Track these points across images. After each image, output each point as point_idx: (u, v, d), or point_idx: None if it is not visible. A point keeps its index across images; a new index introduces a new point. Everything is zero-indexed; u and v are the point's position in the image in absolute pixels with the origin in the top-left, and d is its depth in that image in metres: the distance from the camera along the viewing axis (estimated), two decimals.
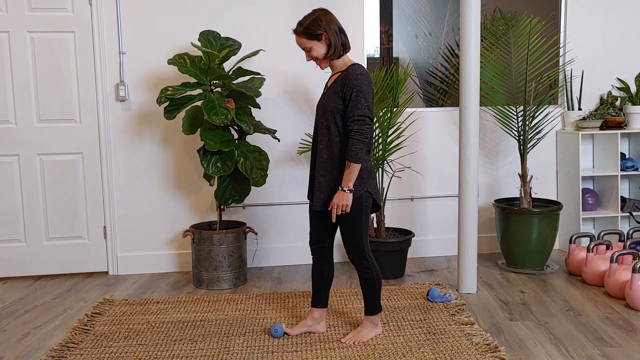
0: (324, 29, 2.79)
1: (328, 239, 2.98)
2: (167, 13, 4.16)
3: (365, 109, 2.71)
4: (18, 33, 4.05)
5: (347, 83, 2.74)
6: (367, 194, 2.83)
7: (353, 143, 2.71)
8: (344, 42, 2.84)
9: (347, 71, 2.79)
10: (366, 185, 2.82)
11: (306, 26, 2.80)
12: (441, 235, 4.57)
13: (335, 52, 2.82)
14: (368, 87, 2.74)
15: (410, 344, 2.91)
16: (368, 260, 2.89)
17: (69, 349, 2.96)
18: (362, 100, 2.71)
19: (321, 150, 2.84)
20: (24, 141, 4.13)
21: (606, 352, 2.82)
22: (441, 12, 4.42)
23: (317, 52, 2.82)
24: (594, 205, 4.51)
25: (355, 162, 2.72)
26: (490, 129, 4.56)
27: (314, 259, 3.02)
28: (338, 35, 2.82)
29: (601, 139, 4.54)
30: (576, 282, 3.87)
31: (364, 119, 2.71)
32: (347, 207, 2.76)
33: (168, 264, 4.34)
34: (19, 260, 4.21)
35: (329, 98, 2.81)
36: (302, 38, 2.82)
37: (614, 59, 4.58)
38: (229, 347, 2.94)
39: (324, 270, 3.01)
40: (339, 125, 2.79)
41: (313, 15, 2.82)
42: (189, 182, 4.31)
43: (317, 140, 2.89)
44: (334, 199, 2.77)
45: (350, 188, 2.75)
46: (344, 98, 2.75)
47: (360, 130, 2.71)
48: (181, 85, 3.73)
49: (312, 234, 2.99)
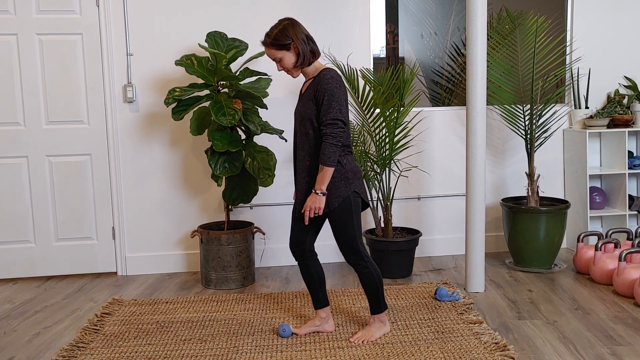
0: (291, 39, 2.81)
1: (309, 241, 2.98)
2: (174, 14, 4.18)
3: (337, 112, 2.73)
4: (26, 35, 4.07)
5: (319, 88, 2.76)
6: (354, 195, 2.85)
7: (326, 147, 2.73)
8: (313, 49, 2.86)
9: (319, 76, 2.81)
10: (352, 185, 2.83)
11: (274, 37, 2.82)
12: (448, 234, 4.57)
13: (305, 59, 2.84)
14: (339, 90, 2.76)
15: (418, 343, 2.92)
16: (365, 259, 2.90)
17: (79, 348, 2.98)
18: (334, 104, 2.73)
19: (303, 157, 2.86)
20: (32, 143, 4.16)
21: (615, 350, 2.82)
22: (447, 12, 4.42)
23: (287, 61, 2.84)
24: (601, 204, 4.50)
25: (328, 166, 2.73)
26: (497, 127, 4.55)
27: (298, 262, 3.02)
28: (306, 42, 2.84)
29: (608, 137, 4.53)
30: (584, 280, 3.87)
31: (336, 122, 2.73)
32: (319, 209, 2.77)
33: (176, 264, 4.36)
34: (28, 261, 4.24)
35: (304, 105, 2.83)
36: (270, 49, 2.85)
37: (621, 57, 4.57)
38: (238, 347, 2.95)
39: (312, 271, 3.01)
40: (316, 130, 2.81)
41: (280, 26, 2.84)
42: (196, 183, 4.33)
43: (297, 147, 2.92)
44: (307, 201, 2.79)
45: (323, 191, 2.76)
46: (317, 103, 2.78)
47: (332, 134, 2.73)
48: (189, 86, 3.75)
49: (292, 237, 3.00)
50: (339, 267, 4.34)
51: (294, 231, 2.99)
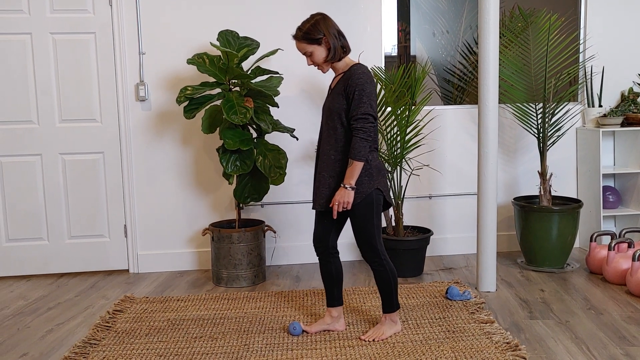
0: (323, 33, 2.80)
1: (332, 238, 2.98)
2: (186, 13, 4.20)
3: (368, 107, 2.73)
4: (40, 34, 4.11)
5: (350, 82, 2.76)
6: (377, 192, 2.84)
7: (356, 141, 2.73)
8: (344, 45, 2.85)
9: (349, 71, 2.81)
10: (376, 182, 2.83)
11: (305, 31, 2.82)
12: (460, 233, 4.55)
13: (336, 55, 2.84)
14: (370, 86, 2.76)
15: (429, 342, 2.91)
16: (381, 257, 2.90)
17: (91, 345, 3.00)
18: (364, 99, 2.73)
19: (328, 151, 2.85)
20: (46, 141, 4.20)
21: (628, 351, 2.79)
22: (459, 10, 4.40)
23: (318, 56, 2.84)
24: (615, 203, 4.46)
25: (358, 160, 2.74)
26: (509, 126, 4.53)
27: (319, 259, 3.02)
28: (337, 38, 2.83)
29: (622, 135, 4.49)
30: (597, 280, 3.83)
31: (366, 117, 2.73)
32: (348, 204, 2.77)
33: (188, 262, 4.38)
34: (41, 258, 4.28)
35: (333, 99, 2.83)
36: (302, 43, 2.84)
37: (635, 55, 4.53)
38: (249, 345, 2.96)
39: (332, 269, 3.01)
40: (345, 125, 2.81)
41: (312, 20, 2.84)
42: (208, 181, 4.34)
43: (321, 142, 2.91)
44: (336, 195, 2.79)
45: (352, 185, 2.76)
46: (348, 97, 2.77)
47: (363, 129, 2.73)
48: (200, 85, 3.76)
49: (316, 234, 3.00)
50: (351, 265, 4.33)
51: (318, 227, 2.99)
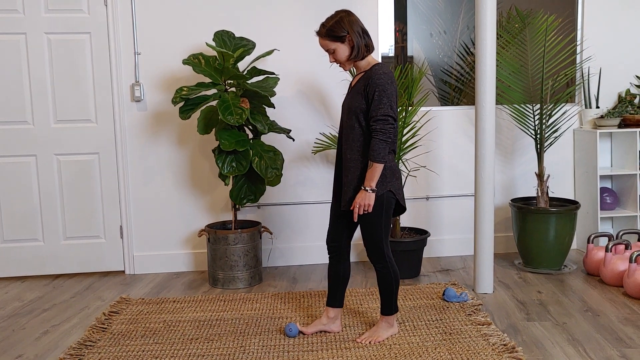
0: (347, 31, 2.77)
1: (345, 238, 2.98)
2: (182, 13, 4.18)
3: (388, 108, 2.70)
4: (35, 34, 4.09)
5: (370, 82, 2.73)
6: (389, 194, 2.82)
7: (376, 143, 2.70)
8: (367, 43, 2.82)
9: (371, 71, 2.78)
10: (389, 185, 2.80)
11: (329, 28, 2.78)
12: (457, 234, 4.55)
13: (359, 53, 2.80)
14: (391, 87, 2.73)
15: (426, 344, 2.90)
16: (387, 260, 2.88)
17: (87, 347, 2.98)
18: (384, 100, 2.70)
19: (345, 150, 2.83)
20: (41, 142, 4.18)
21: (625, 352, 2.79)
22: (456, 10, 4.40)
23: (341, 54, 2.80)
24: (612, 205, 4.45)
25: (378, 162, 2.71)
26: (506, 127, 4.52)
27: (330, 257, 3.01)
28: (361, 36, 2.80)
29: (619, 137, 4.49)
30: (594, 282, 3.83)
31: (386, 118, 2.70)
32: (369, 206, 2.75)
33: (184, 264, 4.36)
34: (37, 259, 4.25)
35: (353, 98, 2.80)
36: (325, 40, 2.80)
37: (632, 56, 4.53)
38: (245, 346, 2.95)
39: (340, 269, 3.00)
40: (363, 125, 2.78)
41: (336, 17, 2.80)
42: (204, 182, 4.32)
43: (342, 141, 2.89)
44: (357, 198, 2.76)
45: (372, 188, 2.74)
46: (367, 98, 2.74)
47: (383, 130, 2.70)
48: (196, 85, 3.75)
49: (330, 232, 2.99)
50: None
51: (332, 226, 2.97)
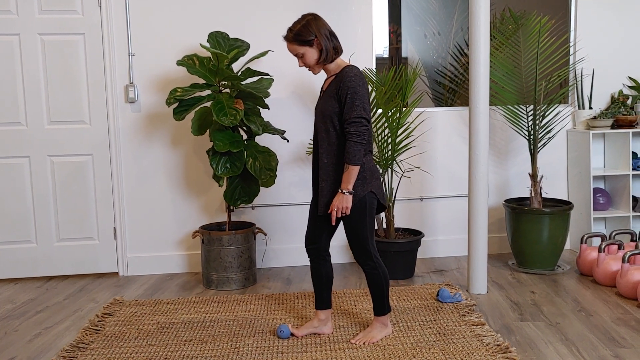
0: (314, 35, 2.77)
1: (324, 240, 2.97)
2: (176, 14, 4.18)
3: (361, 110, 2.71)
4: (28, 35, 4.07)
5: (342, 85, 2.73)
6: (370, 195, 2.83)
7: (350, 145, 2.71)
8: (336, 46, 2.82)
9: (341, 73, 2.78)
10: (369, 186, 2.81)
11: (296, 32, 2.78)
12: (451, 235, 4.55)
13: (328, 56, 2.81)
14: (363, 88, 2.74)
15: (420, 345, 2.90)
16: (374, 260, 2.89)
17: (80, 349, 2.97)
18: (357, 102, 2.71)
19: (321, 154, 2.83)
20: (34, 143, 4.16)
21: (618, 352, 2.80)
22: (450, 12, 4.41)
23: (310, 57, 2.81)
24: (605, 205, 4.47)
25: (354, 165, 2.71)
26: (500, 128, 4.53)
27: (310, 260, 3.01)
28: (329, 39, 2.80)
29: (612, 138, 4.51)
30: (587, 282, 3.84)
31: (360, 120, 2.71)
32: (346, 209, 2.75)
33: (178, 265, 4.36)
34: (30, 261, 4.24)
35: (326, 102, 2.81)
36: (293, 44, 2.80)
37: (624, 58, 4.55)
38: (239, 348, 2.94)
39: (322, 271, 3.00)
40: (337, 128, 2.79)
41: (303, 21, 2.80)
42: (198, 183, 4.32)
43: (317, 144, 2.89)
44: (334, 201, 2.77)
45: (349, 190, 2.74)
46: (340, 101, 2.75)
47: (357, 132, 2.71)
48: (190, 87, 3.74)
49: (308, 235, 2.99)
50: (342, 268, 4.32)
51: (310, 229, 2.97)
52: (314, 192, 2.96)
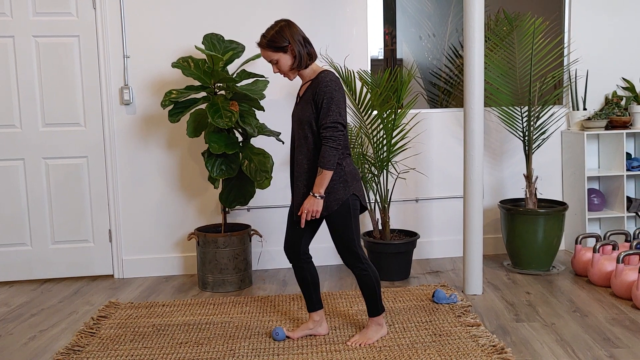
0: (288, 41, 2.77)
1: (303, 244, 2.96)
2: (171, 16, 4.17)
3: (337, 115, 2.71)
4: (23, 37, 4.06)
5: (318, 91, 2.73)
6: (353, 197, 2.83)
7: (326, 150, 2.71)
8: (310, 52, 2.82)
9: (317, 79, 2.78)
10: (351, 188, 2.82)
11: (270, 38, 2.77)
12: (446, 236, 4.56)
13: (302, 62, 2.80)
14: (339, 93, 2.74)
15: (416, 346, 2.91)
16: (363, 262, 2.89)
17: (75, 352, 2.97)
18: (333, 107, 2.71)
19: (301, 160, 2.83)
20: (29, 145, 4.15)
21: (613, 353, 2.81)
22: (445, 13, 4.42)
23: (284, 64, 2.80)
24: (599, 206, 4.49)
25: (327, 169, 2.72)
26: (494, 129, 4.55)
27: (292, 266, 3.00)
28: (303, 45, 2.80)
29: (606, 138, 4.53)
30: (582, 282, 3.85)
31: (335, 125, 2.71)
32: (317, 212, 2.76)
33: (173, 267, 4.35)
34: (24, 264, 4.22)
35: (303, 108, 2.80)
36: (267, 51, 2.80)
37: (618, 59, 4.57)
38: (235, 350, 2.94)
39: (306, 274, 2.99)
40: (315, 133, 2.79)
41: (276, 27, 2.79)
42: (193, 185, 4.31)
43: (294, 150, 2.89)
44: (304, 203, 2.77)
45: (321, 194, 2.75)
46: (317, 106, 2.75)
47: (332, 137, 2.71)
48: (185, 89, 3.74)
49: (287, 239, 2.98)
50: (337, 269, 4.32)
51: (288, 233, 2.97)
52: (293, 196, 2.96)
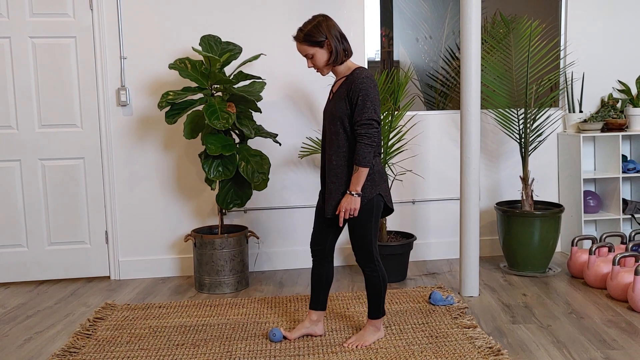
0: (325, 36, 2.76)
1: (329, 242, 2.97)
2: (168, 18, 4.17)
3: (372, 112, 2.70)
4: (19, 38, 4.06)
5: (353, 87, 2.73)
6: (378, 198, 2.83)
7: (361, 147, 2.71)
8: (346, 48, 2.82)
9: (352, 75, 2.78)
10: (378, 188, 2.81)
11: (307, 32, 2.77)
12: (443, 238, 4.57)
13: (338, 58, 2.80)
14: (374, 91, 2.73)
15: (412, 348, 2.91)
16: (376, 263, 2.89)
17: (71, 354, 2.96)
18: (368, 104, 2.70)
19: (330, 156, 2.82)
20: (25, 146, 4.14)
21: (609, 354, 2.81)
22: (442, 15, 4.43)
23: (320, 59, 2.80)
24: (595, 208, 4.50)
25: (363, 166, 2.71)
26: (491, 131, 4.56)
27: (313, 260, 3.01)
28: (339, 41, 2.79)
29: (602, 141, 4.54)
30: (578, 284, 3.86)
31: (371, 122, 2.70)
32: (355, 211, 2.75)
33: (170, 269, 4.34)
34: (21, 265, 4.21)
35: (336, 104, 2.80)
36: (303, 45, 2.79)
37: (614, 61, 4.59)
38: (231, 352, 2.94)
39: (323, 272, 3.00)
40: (347, 130, 2.78)
41: (314, 22, 2.79)
42: (190, 187, 4.31)
43: (325, 147, 2.89)
44: (342, 202, 2.76)
45: (358, 192, 2.74)
46: (351, 102, 2.74)
47: (368, 134, 2.70)
48: (182, 90, 3.74)
49: (314, 236, 2.98)
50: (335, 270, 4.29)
51: (316, 230, 2.97)
52: (322, 193, 2.95)
